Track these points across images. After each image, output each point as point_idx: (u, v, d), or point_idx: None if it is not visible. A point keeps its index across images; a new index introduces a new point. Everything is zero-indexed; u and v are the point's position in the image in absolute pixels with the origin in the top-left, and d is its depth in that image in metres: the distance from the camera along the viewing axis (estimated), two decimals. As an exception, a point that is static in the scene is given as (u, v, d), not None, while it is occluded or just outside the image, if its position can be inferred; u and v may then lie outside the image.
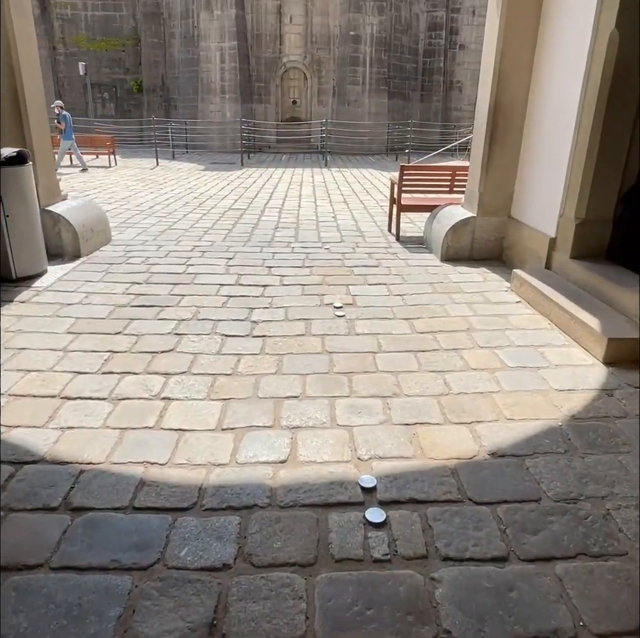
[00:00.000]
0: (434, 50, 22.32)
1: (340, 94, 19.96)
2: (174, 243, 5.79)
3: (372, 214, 7.85)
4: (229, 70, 19.15)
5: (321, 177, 13.23)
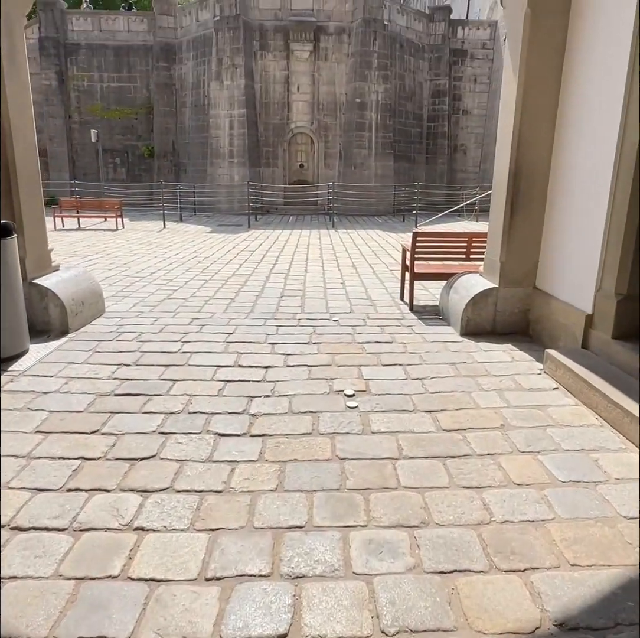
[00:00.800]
0: (437, 115, 22.90)
1: (347, 157, 20.29)
2: (171, 315, 5.39)
3: (383, 280, 7.50)
4: (237, 136, 19.59)
5: (328, 239, 13.08)
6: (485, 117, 23.54)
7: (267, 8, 19.51)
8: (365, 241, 12.62)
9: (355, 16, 19.35)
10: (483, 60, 23.21)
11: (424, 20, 22.21)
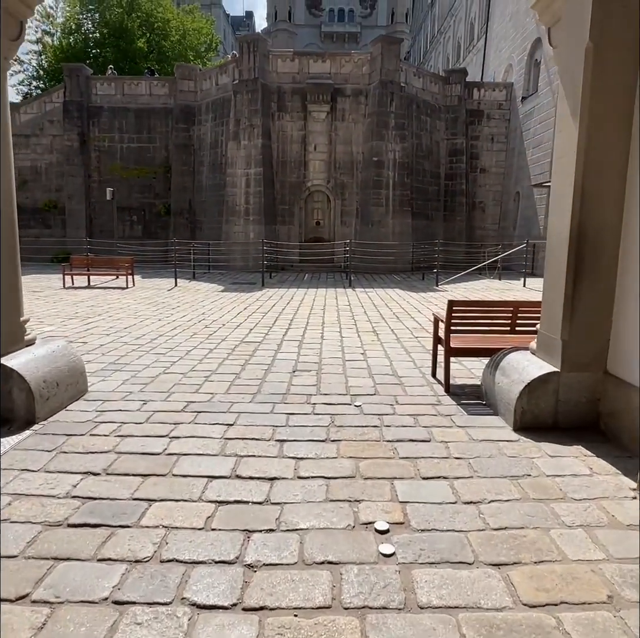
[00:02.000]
0: (455, 173, 22.70)
1: (364, 215, 19.96)
2: (164, 397, 4.58)
3: (408, 349, 6.66)
4: (253, 194, 19.44)
5: (345, 298, 12.39)
6: (503, 175, 23.30)
7: (285, 72, 19.82)
8: (385, 301, 11.88)
9: (372, 79, 19.53)
10: (499, 120, 23.21)
11: (439, 82, 22.43)
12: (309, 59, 19.89)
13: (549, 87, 19.13)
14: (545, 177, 19.10)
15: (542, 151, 19.64)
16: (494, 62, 25.99)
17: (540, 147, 19.80)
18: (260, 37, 19.47)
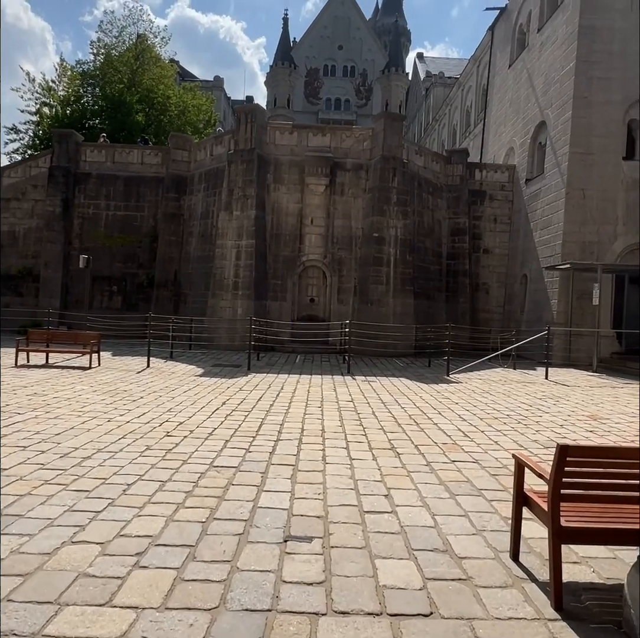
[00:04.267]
0: (457, 253, 21.56)
1: (363, 293, 18.43)
2: (41, 622, 2.48)
3: (450, 487, 4.62)
4: (244, 267, 17.93)
5: (345, 390, 10.42)
6: (508, 257, 22.20)
7: (284, 144, 19.01)
8: (393, 395, 9.92)
9: (374, 154, 18.72)
10: (502, 202, 22.46)
11: (441, 161, 21.84)
12: (309, 132, 19.17)
13: (557, 169, 18.38)
14: (556, 260, 17.88)
15: (551, 233, 18.57)
16: (494, 146, 25.77)
17: (548, 229, 18.76)
18: (258, 108, 18.83)
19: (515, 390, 11.28)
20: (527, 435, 7.00)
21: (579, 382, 13.23)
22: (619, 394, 11.27)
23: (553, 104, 19.02)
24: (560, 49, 18.68)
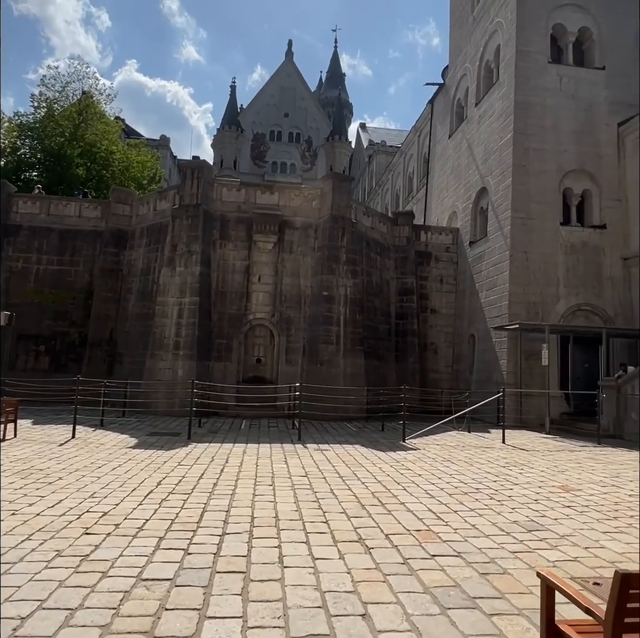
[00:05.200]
0: (406, 313, 21.47)
1: (312, 353, 17.73)
2: None
3: (438, 597, 3.78)
4: (186, 325, 16.90)
5: (298, 461, 9.45)
6: (454, 317, 22.35)
7: (231, 201, 18.62)
8: (351, 467, 9.03)
9: (322, 213, 18.63)
10: (448, 263, 22.86)
11: (388, 223, 22.12)
12: (257, 190, 18.94)
13: (500, 232, 18.90)
14: (503, 320, 18.03)
15: (496, 294, 18.84)
16: (437, 210, 26.60)
17: (494, 290, 19.03)
18: (205, 164, 18.48)
19: (477, 457, 10.68)
20: (504, 514, 6.30)
21: (536, 446, 12.84)
22: (579, 459, 10.90)
23: (493, 172, 19.83)
24: (498, 122, 19.71)
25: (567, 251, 18.31)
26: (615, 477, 8.91)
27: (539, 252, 18.10)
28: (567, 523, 5.97)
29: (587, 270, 18.32)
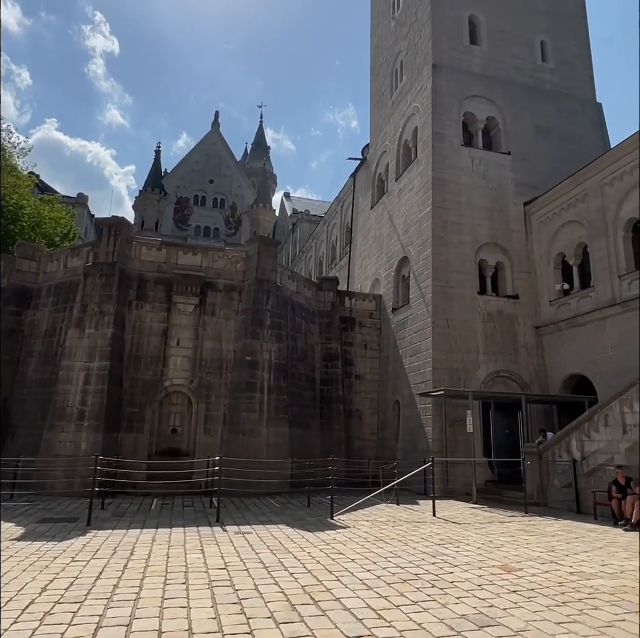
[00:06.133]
0: (331, 379, 21.07)
1: (233, 422, 16.65)
2: None
3: None
4: (93, 393, 15.35)
5: (216, 549, 8.33)
6: (379, 383, 22.24)
7: (150, 260, 17.77)
8: (276, 553, 8.05)
9: (247, 276, 18.21)
10: (371, 329, 23.01)
11: (313, 288, 22.08)
12: (179, 250, 18.26)
13: (422, 299, 19.35)
14: (427, 386, 18.07)
15: (420, 360, 18.98)
16: (360, 277, 27.11)
17: (418, 356, 19.19)
18: (124, 221, 17.60)
19: (410, 534, 10.03)
20: (450, 606, 5.65)
21: (466, 517, 12.43)
22: (511, 531, 10.56)
23: (414, 242, 20.57)
24: (417, 196, 20.70)
25: (485, 319, 18.99)
26: (551, 552, 8.59)
27: (460, 319, 18.62)
28: (517, 614, 5.43)
29: (504, 338, 19.02)
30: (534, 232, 20.14)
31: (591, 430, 13.49)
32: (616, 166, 16.69)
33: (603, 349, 16.67)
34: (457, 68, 21.53)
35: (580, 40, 24.00)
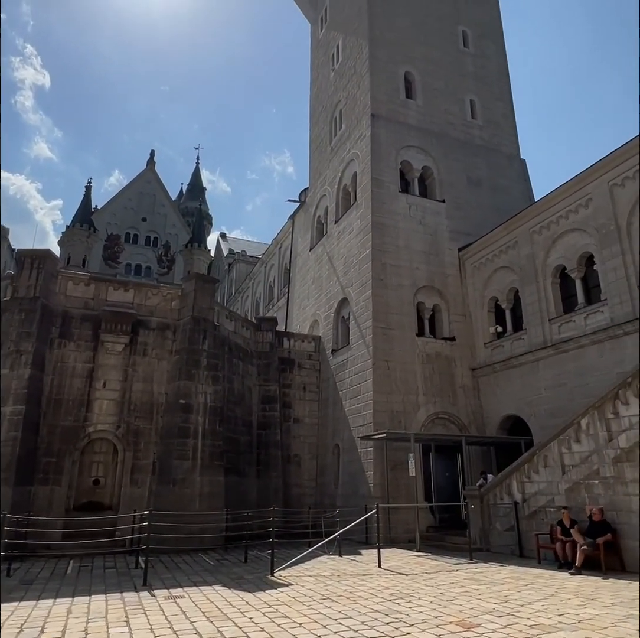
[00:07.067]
0: (269, 422, 20.27)
1: (163, 471, 15.43)
2: None
3: None
4: (4, 441, 13.74)
5: (144, 620, 7.30)
6: (318, 426, 21.65)
7: (77, 296, 16.58)
8: (214, 621, 7.15)
9: (183, 314, 17.38)
10: (311, 370, 22.57)
11: (251, 328, 21.47)
12: (109, 286, 17.20)
13: (362, 340, 19.25)
14: (368, 429, 17.71)
15: (361, 402, 18.68)
16: (298, 318, 26.82)
17: (358, 398, 18.89)
18: (49, 254, 16.40)
19: (357, 589, 9.36)
20: (415, 676, 5.08)
21: (413, 567, 11.92)
22: (460, 581, 10.15)
23: (354, 284, 20.62)
24: (357, 238, 20.93)
25: (424, 361, 19.10)
26: (505, 602, 8.23)
27: (400, 361, 18.61)
28: (488, 681, 4.94)
29: (442, 379, 19.17)
30: (468, 276, 20.80)
31: (531, 471, 13.55)
32: (544, 215, 17.67)
33: (537, 390, 17.12)
34: (395, 119, 22.42)
35: (505, 102, 25.87)
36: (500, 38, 27.37)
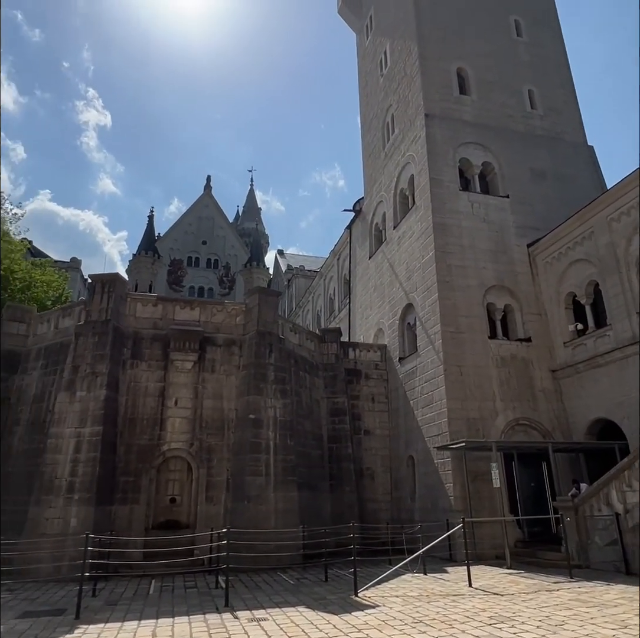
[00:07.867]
0: (339, 436, 19.78)
1: (237, 487, 15.28)
2: None
3: None
4: (85, 461, 14.06)
5: (229, 644, 6.97)
6: (389, 438, 20.94)
7: (146, 317, 16.92)
8: None
9: (248, 329, 17.35)
10: (378, 380, 21.96)
11: (315, 340, 21.19)
12: (175, 306, 17.46)
13: (431, 346, 18.48)
14: (444, 439, 16.86)
15: (434, 410, 17.86)
16: (361, 328, 26.32)
17: (431, 407, 18.08)
18: (118, 278, 16.88)
19: (451, 612, 8.66)
20: None
21: (507, 587, 11.01)
22: (565, 602, 9.20)
23: (418, 288, 19.94)
24: (418, 242, 20.27)
25: (499, 364, 18.06)
26: (625, 628, 7.30)
27: (472, 365, 17.69)
28: None
29: (520, 383, 18.04)
30: (541, 273, 19.61)
31: (632, 478, 12.31)
32: (622, 200, 16.37)
33: (628, 390, 15.70)
34: (449, 117, 21.73)
35: (566, 89, 24.54)
36: (556, 23, 26.12)
